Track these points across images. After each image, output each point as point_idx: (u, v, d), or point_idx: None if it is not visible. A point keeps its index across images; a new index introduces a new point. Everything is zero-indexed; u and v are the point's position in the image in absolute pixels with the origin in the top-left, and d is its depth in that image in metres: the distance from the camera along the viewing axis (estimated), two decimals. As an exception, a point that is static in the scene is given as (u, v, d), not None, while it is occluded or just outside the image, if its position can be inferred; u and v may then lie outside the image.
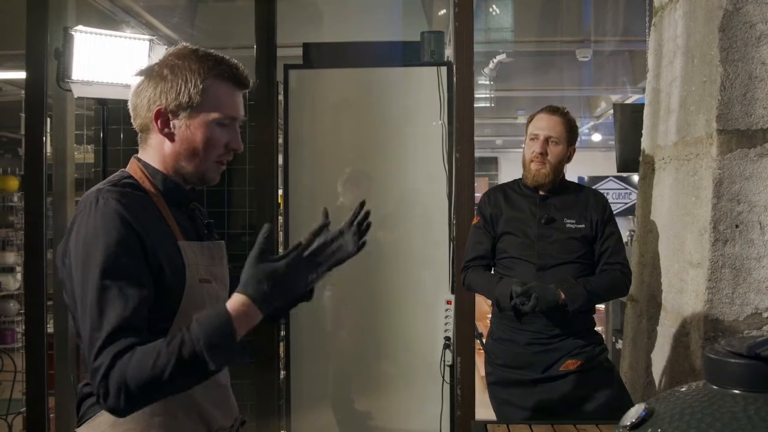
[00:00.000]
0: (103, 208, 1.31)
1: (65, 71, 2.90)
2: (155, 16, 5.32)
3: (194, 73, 1.39)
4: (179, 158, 1.42)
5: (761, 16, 1.92)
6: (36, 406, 3.32)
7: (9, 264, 8.05)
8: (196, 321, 1.24)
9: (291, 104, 3.60)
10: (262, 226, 1.32)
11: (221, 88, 1.42)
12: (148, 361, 1.20)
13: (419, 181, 3.57)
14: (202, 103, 1.40)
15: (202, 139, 1.41)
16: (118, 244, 1.28)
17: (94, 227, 1.29)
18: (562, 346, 2.38)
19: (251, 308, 1.26)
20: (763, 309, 1.93)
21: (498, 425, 2.03)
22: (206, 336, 1.22)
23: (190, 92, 1.39)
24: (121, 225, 1.29)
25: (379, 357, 3.63)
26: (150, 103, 1.40)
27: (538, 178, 2.45)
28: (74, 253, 1.31)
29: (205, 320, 1.24)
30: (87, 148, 4.05)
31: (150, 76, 1.42)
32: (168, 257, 1.35)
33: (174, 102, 1.39)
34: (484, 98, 7.67)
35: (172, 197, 1.45)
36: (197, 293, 1.39)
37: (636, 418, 0.86)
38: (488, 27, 5.73)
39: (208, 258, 1.47)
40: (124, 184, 1.39)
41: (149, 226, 1.34)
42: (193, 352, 1.21)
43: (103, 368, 1.22)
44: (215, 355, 1.22)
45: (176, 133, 1.41)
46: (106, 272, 1.26)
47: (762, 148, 1.92)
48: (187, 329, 1.23)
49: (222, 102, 1.42)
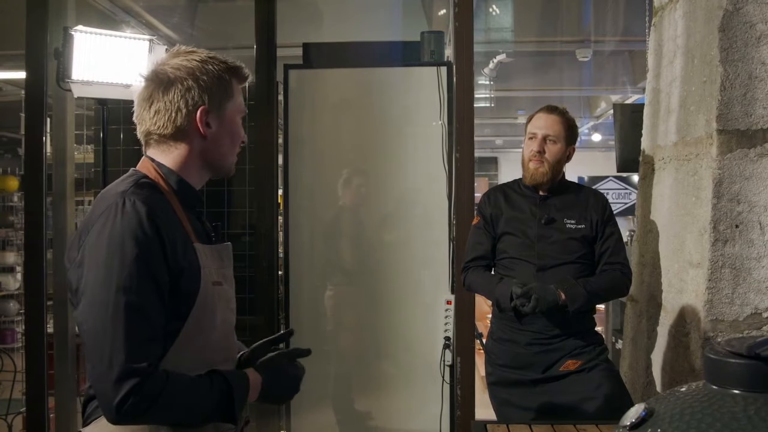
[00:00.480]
0: (131, 212, 1.31)
1: (65, 71, 2.90)
2: (155, 16, 5.32)
3: (219, 70, 1.44)
4: (207, 155, 1.46)
5: (761, 16, 1.92)
6: (36, 406, 3.32)
7: (9, 264, 8.05)
8: (227, 375, 1.39)
9: (291, 104, 3.59)
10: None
11: (237, 84, 1.49)
12: (188, 392, 1.32)
13: (419, 181, 3.57)
14: (229, 99, 1.47)
15: (235, 133, 1.49)
16: (146, 250, 1.30)
17: (121, 232, 1.29)
18: (563, 346, 2.38)
19: (257, 391, 1.45)
20: (762, 309, 1.93)
21: (498, 425, 2.03)
22: (236, 388, 1.38)
23: (223, 89, 1.44)
24: (150, 230, 1.30)
25: (379, 357, 3.63)
26: (189, 105, 1.41)
27: (537, 177, 2.45)
28: (95, 255, 1.30)
29: (232, 376, 1.40)
30: (87, 148, 4.05)
31: (172, 82, 1.42)
32: (187, 260, 1.37)
33: (213, 100, 1.44)
34: (484, 98, 7.67)
35: (185, 198, 1.46)
36: (210, 296, 1.40)
37: (636, 418, 0.86)
38: (488, 27, 5.73)
39: (218, 260, 1.48)
40: (144, 185, 1.39)
41: (172, 229, 1.35)
42: (223, 399, 1.36)
43: (139, 376, 1.25)
44: (238, 406, 1.38)
45: (214, 129, 1.45)
46: (133, 277, 1.28)
47: (762, 148, 1.92)
48: (220, 377, 1.37)
49: (240, 97, 1.50)
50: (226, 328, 1.48)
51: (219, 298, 1.43)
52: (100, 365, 1.26)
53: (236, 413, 1.37)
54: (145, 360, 1.26)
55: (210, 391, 1.34)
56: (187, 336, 1.36)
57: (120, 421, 1.27)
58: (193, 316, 1.36)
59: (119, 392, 1.24)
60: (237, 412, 1.37)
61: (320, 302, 3.64)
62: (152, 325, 1.29)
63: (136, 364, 1.25)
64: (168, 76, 1.42)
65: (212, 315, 1.41)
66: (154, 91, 1.42)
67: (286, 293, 3.58)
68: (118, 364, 1.25)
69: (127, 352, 1.25)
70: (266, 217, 3.52)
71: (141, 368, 1.25)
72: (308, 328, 3.60)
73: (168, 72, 1.42)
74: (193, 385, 1.33)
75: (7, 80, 7.23)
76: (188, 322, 1.36)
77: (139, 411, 1.25)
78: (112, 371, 1.25)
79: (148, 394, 1.25)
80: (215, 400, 1.34)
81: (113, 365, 1.25)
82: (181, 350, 1.35)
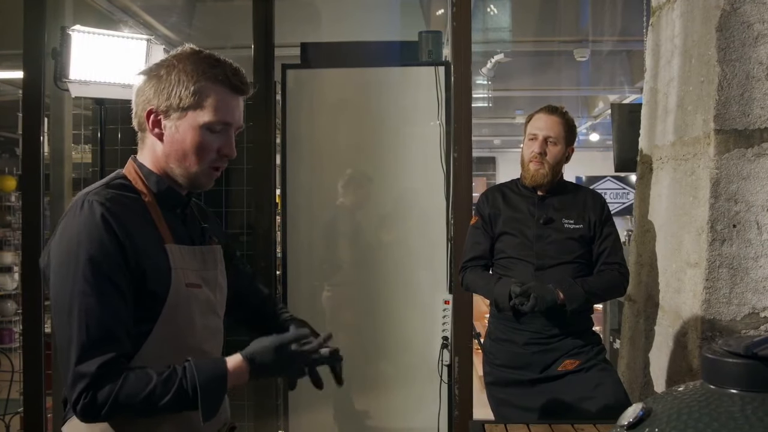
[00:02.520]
0: (87, 213, 1.30)
1: (63, 71, 2.90)
2: (153, 15, 5.32)
3: (188, 74, 1.37)
4: (169, 160, 1.41)
5: (759, 16, 1.92)
6: (33, 406, 3.32)
7: (7, 264, 8.04)
8: (195, 366, 1.30)
9: (289, 104, 3.59)
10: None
11: (215, 91, 1.38)
12: (143, 389, 1.26)
13: (417, 181, 3.57)
14: (193, 106, 1.37)
15: (191, 143, 1.38)
16: (100, 251, 1.28)
17: (77, 232, 1.29)
18: (561, 346, 2.38)
19: (245, 373, 1.35)
20: (760, 308, 1.94)
21: (495, 425, 2.03)
22: (202, 381, 1.29)
23: (181, 94, 1.36)
24: (104, 231, 1.29)
25: (377, 357, 3.63)
26: (144, 103, 1.39)
27: (537, 178, 2.45)
28: (56, 255, 1.31)
29: (204, 367, 1.31)
30: (84, 148, 4.04)
31: (149, 76, 1.40)
32: (152, 261, 1.34)
33: (165, 102, 1.37)
34: (482, 98, 7.67)
35: (164, 200, 1.43)
36: (183, 297, 1.37)
37: (633, 417, 0.86)
38: (486, 27, 5.73)
39: (199, 262, 1.45)
40: (115, 185, 1.38)
41: (134, 231, 1.33)
42: (186, 393, 1.28)
43: (87, 378, 1.24)
44: (204, 401, 1.29)
45: (166, 134, 1.39)
46: (87, 279, 1.26)
47: (759, 147, 1.92)
48: (184, 370, 1.29)
49: (215, 106, 1.37)
50: (208, 333, 1.45)
51: (196, 300, 1.40)
52: (64, 367, 1.27)
53: (202, 404, 1.29)
54: (97, 361, 1.24)
55: (174, 384, 1.27)
56: (159, 337, 1.34)
57: (83, 420, 1.28)
58: (163, 317, 1.34)
59: (73, 394, 1.25)
60: (203, 403, 1.29)
61: (318, 302, 3.64)
62: (106, 326, 1.27)
63: (85, 367, 1.24)
64: (148, 71, 1.41)
65: (187, 318, 1.38)
66: (138, 86, 1.42)
67: (284, 293, 3.58)
68: (71, 366, 1.25)
69: (78, 355, 1.25)
70: (264, 216, 3.52)
71: (89, 371, 1.24)
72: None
73: (152, 68, 1.41)
74: (155, 381, 1.27)
75: (5, 80, 7.21)
76: (158, 324, 1.34)
77: (94, 410, 1.25)
78: (68, 374, 1.26)
79: (98, 395, 1.24)
80: (181, 392, 1.28)
81: (69, 367, 1.25)
82: (153, 351, 1.33)
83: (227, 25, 5.43)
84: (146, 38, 3.06)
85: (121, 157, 3.64)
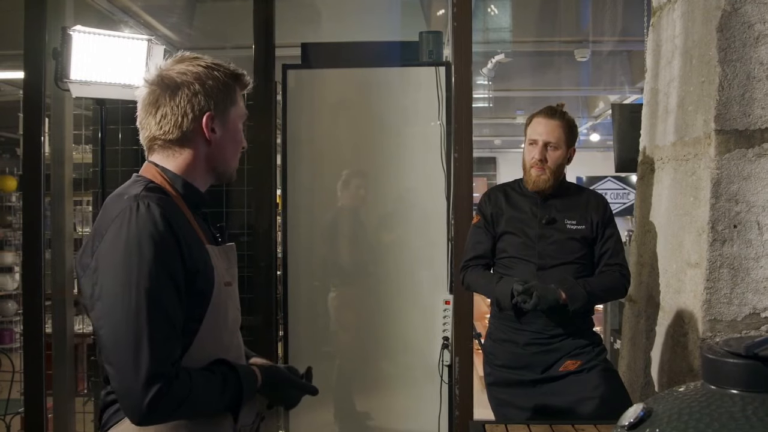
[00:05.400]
0: (145, 213, 1.30)
1: (63, 71, 2.90)
2: (153, 16, 5.32)
3: (215, 74, 1.44)
4: (214, 161, 1.47)
5: (759, 16, 1.92)
6: (34, 407, 3.32)
7: (7, 264, 8.04)
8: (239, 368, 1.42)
9: (289, 104, 3.59)
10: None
11: (240, 92, 1.49)
12: (208, 389, 1.35)
13: (417, 181, 3.57)
14: (233, 101, 1.47)
15: (240, 137, 1.51)
16: (164, 250, 1.30)
17: (137, 233, 1.29)
18: (562, 346, 2.38)
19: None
20: (761, 309, 1.94)
21: (496, 425, 2.03)
22: (246, 384, 1.42)
23: (225, 92, 1.44)
24: (166, 231, 1.30)
25: (378, 357, 3.63)
26: (197, 111, 1.41)
27: (539, 183, 2.44)
28: (111, 258, 1.30)
29: (243, 370, 1.44)
30: (85, 148, 4.04)
31: (179, 87, 1.41)
32: (201, 261, 1.37)
33: (222, 103, 1.44)
34: (483, 98, 7.67)
35: (192, 201, 1.46)
36: (222, 296, 1.42)
37: (634, 418, 0.87)
38: (487, 27, 5.73)
39: (226, 261, 1.49)
40: (152, 188, 1.39)
41: (185, 232, 1.36)
42: (239, 394, 1.40)
43: (164, 377, 1.26)
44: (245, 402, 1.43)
45: (218, 135, 1.45)
46: (154, 278, 1.28)
47: (760, 148, 1.92)
48: (236, 372, 1.41)
49: (242, 105, 1.51)
50: (235, 327, 1.50)
51: (229, 298, 1.45)
52: (124, 368, 1.26)
53: (241, 407, 1.41)
54: (170, 361, 1.28)
55: (224, 385, 1.37)
56: (204, 336, 1.38)
57: (149, 422, 1.28)
58: (208, 316, 1.38)
59: (148, 394, 1.24)
60: (243, 406, 1.41)
61: (319, 302, 3.64)
62: (173, 325, 1.30)
63: (163, 366, 1.26)
64: (174, 80, 1.41)
65: (224, 315, 1.43)
66: (160, 95, 1.41)
67: (284, 293, 3.58)
68: (144, 366, 1.25)
69: (152, 354, 1.25)
70: (264, 217, 3.52)
71: (167, 370, 1.27)
72: (306, 328, 3.60)
73: (174, 77, 1.41)
74: (211, 382, 1.35)
75: (6, 80, 7.22)
76: (204, 323, 1.37)
77: (168, 411, 1.28)
78: (138, 374, 1.24)
79: (176, 395, 1.27)
80: (228, 394, 1.38)
81: (140, 367, 1.25)
82: (198, 350, 1.37)
83: (228, 26, 5.43)
84: (147, 38, 3.06)
85: (122, 157, 3.64)
